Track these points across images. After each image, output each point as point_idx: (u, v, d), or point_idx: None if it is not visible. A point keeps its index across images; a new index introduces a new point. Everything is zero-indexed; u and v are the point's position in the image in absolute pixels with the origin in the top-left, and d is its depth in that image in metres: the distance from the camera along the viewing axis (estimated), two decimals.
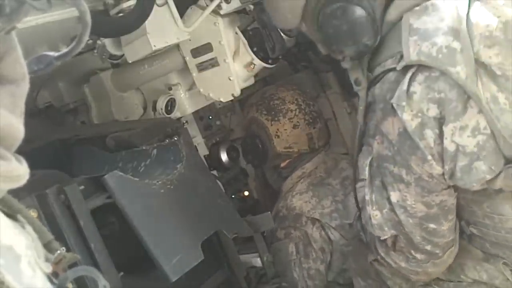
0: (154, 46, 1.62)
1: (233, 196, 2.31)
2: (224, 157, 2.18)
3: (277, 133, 2.05)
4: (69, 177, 1.32)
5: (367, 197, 1.36)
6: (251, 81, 1.92)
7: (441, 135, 1.19)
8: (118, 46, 1.69)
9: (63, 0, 0.51)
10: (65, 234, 1.19)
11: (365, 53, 1.33)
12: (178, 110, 1.98)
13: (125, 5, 1.51)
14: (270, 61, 1.80)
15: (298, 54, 2.28)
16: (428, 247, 1.37)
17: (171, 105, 1.95)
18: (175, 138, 1.53)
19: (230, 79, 1.79)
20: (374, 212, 1.36)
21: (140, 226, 1.32)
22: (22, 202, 0.62)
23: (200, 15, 1.70)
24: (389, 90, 1.24)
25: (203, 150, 2.19)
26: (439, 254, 1.39)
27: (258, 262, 1.81)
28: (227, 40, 1.75)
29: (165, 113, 1.93)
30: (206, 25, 1.73)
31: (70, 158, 1.68)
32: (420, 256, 1.39)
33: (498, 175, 1.19)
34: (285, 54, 1.87)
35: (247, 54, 1.76)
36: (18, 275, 0.51)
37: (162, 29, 1.64)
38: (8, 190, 0.56)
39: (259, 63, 1.77)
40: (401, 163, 1.26)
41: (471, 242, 1.46)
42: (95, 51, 1.73)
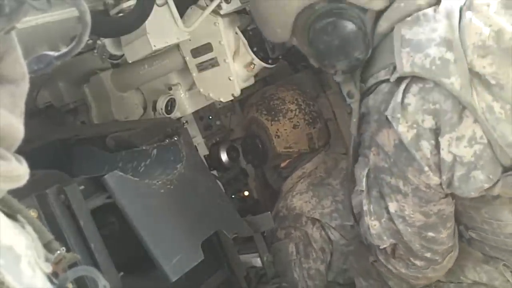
0: (154, 46, 1.62)
1: (233, 196, 2.31)
2: (224, 157, 2.18)
3: (277, 133, 2.05)
4: (69, 177, 1.32)
5: (365, 207, 1.35)
6: (251, 81, 1.92)
7: (437, 146, 1.17)
8: (118, 46, 1.69)
9: (63, 0, 0.51)
10: (65, 234, 1.19)
11: (357, 66, 1.31)
12: (178, 110, 1.98)
13: (125, 5, 1.51)
14: (270, 61, 1.79)
15: (298, 54, 2.28)
16: (427, 255, 1.36)
17: (171, 105, 1.95)
18: (175, 138, 1.53)
19: (230, 79, 1.79)
20: (372, 222, 1.35)
21: (140, 226, 1.32)
22: (22, 202, 0.62)
23: (200, 15, 1.70)
24: (383, 102, 1.23)
25: (203, 150, 2.19)
26: (439, 260, 1.39)
27: (258, 262, 1.81)
28: (227, 40, 1.75)
29: (165, 113, 1.93)
30: (206, 25, 1.73)
31: (70, 158, 1.68)
32: (419, 263, 1.39)
33: (496, 183, 1.18)
34: (285, 54, 1.87)
35: (247, 54, 1.76)
36: (18, 275, 0.51)
37: (162, 29, 1.64)
38: (8, 190, 0.56)
39: (259, 63, 1.77)
40: (398, 175, 1.25)
41: (471, 245, 1.45)
42: (95, 51, 1.73)
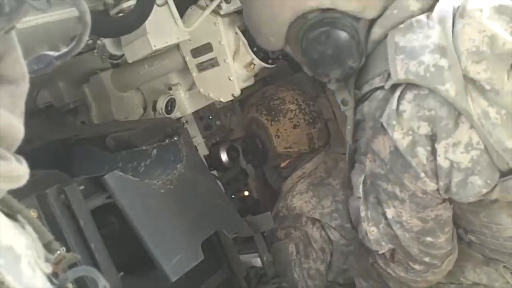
0: (154, 46, 1.62)
1: (233, 196, 2.31)
2: (224, 157, 2.18)
3: (277, 133, 2.05)
4: (69, 177, 1.32)
5: (363, 213, 1.35)
6: (251, 81, 1.92)
7: (433, 152, 1.17)
8: (118, 46, 1.69)
9: (63, 0, 0.51)
10: (65, 234, 1.19)
11: (350, 75, 1.31)
12: (178, 110, 1.98)
13: (125, 5, 1.51)
14: (270, 61, 1.79)
15: None
16: (426, 259, 1.36)
17: (171, 105, 1.95)
18: (175, 138, 1.53)
19: (230, 79, 1.79)
20: (370, 228, 1.35)
21: (140, 226, 1.31)
22: (22, 202, 0.62)
23: (200, 15, 1.70)
24: (378, 108, 1.23)
25: (203, 150, 2.19)
26: (438, 264, 1.39)
27: (258, 262, 1.81)
28: (227, 40, 1.75)
29: (165, 113, 1.93)
30: (206, 25, 1.72)
31: (70, 158, 1.68)
32: (418, 267, 1.39)
33: (493, 188, 1.18)
34: (285, 54, 1.86)
35: (247, 54, 1.76)
36: (18, 276, 0.51)
37: (162, 29, 1.64)
38: (8, 190, 0.56)
39: (259, 63, 1.77)
40: (394, 181, 1.24)
41: (471, 247, 1.45)
42: (95, 51, 1.73)
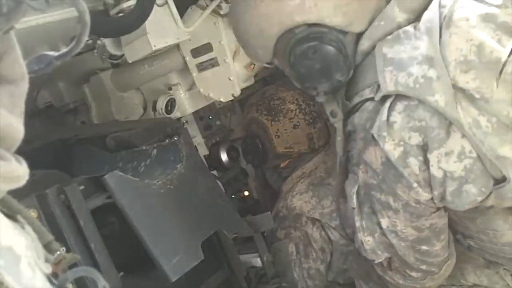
0: (154, 46, 1.62)
1: (233, 196, 2.31)
2: (224, 157, 2.18)
3: (277, 133, 2.05)
4: (69, 177, 1.32)
5: (358, 223, 1.34)
6: (251, 81, 1.92)
7: (426, 162, 1.16)
8: (118, 46, 1.69)
9: (62, 0, 0.51)
10: (65, 234, 1.19)
11: (339, 88, 1.31)
12: (178, 110, 1.98)
13: (125, 5, 1.51)
14: None
15: None
16: (423, 267, 1.36)
17: (171, 105, 1.95)
18: (175, 138, 1.53)
19: (230, 79, 1.79)
20: (366, 238, 1.34)
21: (140, 226, 1.32)
22: (22, 202, 0.62)
23: (200, 15, 1.70)
24: (368, 119, 1.23)
25: (203, 150, 2.19)
26: (435, 271, 1.39)
27: (258, 262, 1.81)
28: (227, 40, 1.75)
29: (165, 113, 1.93)
30: (206, 25, 1.73)
31: (70, 158, 1.68)
32: (416, 274, 1.38)
33: (489, 196, 1.17)
34: None
35: None
36: (18, 276, 0.51)
37: (162, 29, 1.64)
38: (8, 190, 0.56)
39: (259, 63, 1.77)
40: (387, 191, 1.24)
41: (471, 251, 1.45)
42: (95, 51, 1.73)
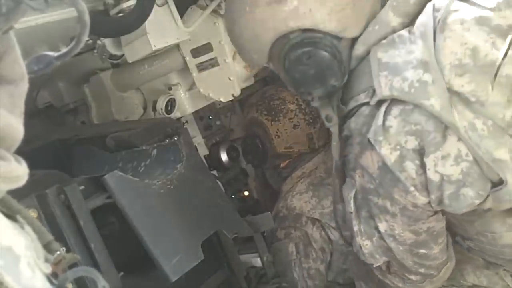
0: (154, 46, 1.63)
1: (233, 196, 2.31)
2: (224, 157, 2.18)
3: (277, 133, 2.05)
4: (69, 177, 1.32)
5: (356, 228, 1.34)
6: (251, 81, 1.92)
7: (422, 166, 1.16)
8: (118, 46, 1.69)
9: (61, 0, 0.51)
10: (65, 234, 1.19)
11: (333, 93, 1.31)
12: (178, 110, 1.98)
13: (125, 5, 1.51)
14: None
15: None
16: (421, 270, 1.36)
17: (171, 105, 1.95)
18: (175, 138, 1.53)
19: (230, 79, 1.79)
20: (364, 242, 1.34)
21: (140, 226, 1.32)
22: (22, 202, 0.62)
23: (200, 15, 1.70)
24: (364, 124, 1.23)
25: (203, 150, 2.19)
26: (434, 274, 1.39)
27: (258, 262, 1.81)
28: (227, 40, 1.74)
29: (165, 113, 1.93)
30: (206, 25, 1.73)
31: (70, 158, 1.68)
32: (415, 277, 1.38)
33: (486, 199, 1.17)
34: None
35: None
36: (17, 276, 0.51)
37: (162, 29, 1.64)
38: (8, 191, 0.56)
39: None
40: (384, 195, 1.24)
41: (471, 252, 1.45)
42: (95, 51, 1.73)
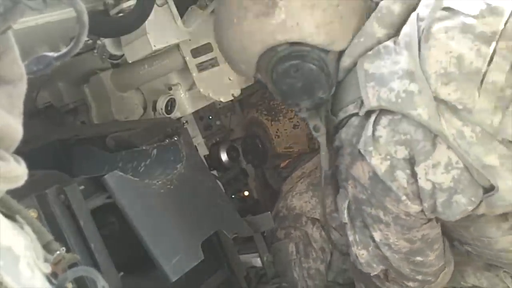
0: (154, 46, 1.62)
1: (233, 196, 2.31)
2: (224, 157, 2.17)
3: (277, 133, 2.05)
4: (69, 177, 1.32)
5: (351, 238, 1.35)
6: (251, 81, 1.91)
7: (413, 175, 1.16)
8: (118, 46, 1.69)
9: (60, 0, 0.51)
10: (65, 234, 1.19)
11: (321, 104, 1.32)
12: (178, 110, 1.98)
13: (125, 5, 1.51)
14: None
15: None
16: (419, 277, 1.36)
17: (171, 105, 1.95)
18: (175, 138, 1.53)
19: (230, 79, 1.79)
20: (360, 251, 1.35)
21: (140, 226, 1.32)
22: (22, 203, 0.62)
23: (200, 15, 1.70)
24: (354, 135, 1.24)
25: (203, 150, 2.19)
26: (432, 280, 1.39)
27: (258, 262, 1.81)
28: None
29: (165, 113, 1.93)
30: (206, 25, 1.72)
31: (70, 158, 1.68)
32: (413, 284, 1.39)
33: (479, 204, 1.17)
34: None
35: None
36: (17, 276, 0.51)
37: (162, 29, 1.64)
38: (7, 191, 0.56)
39: None
40: (377, 205, 1.24)
41: (470, 255, 1.45)
42: (95, 51, 1.73)
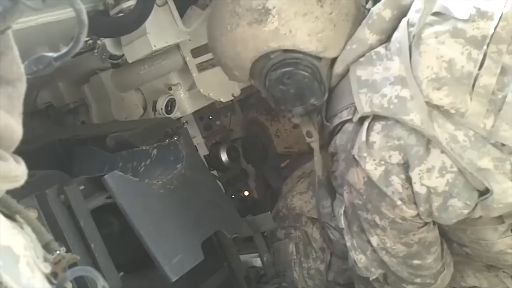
0: (154, 46, 1.62)
1: (233, 196, 2.31)
2: (224, 157, 2.17)
3: (277, 133, 2.05)
4: (69, 177, 1.32)
5: (349, 243, 1.35)
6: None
7: (408, 180, 1.16)
8: (118, 46, 1.69)
9: None
10: (65, 234, 1.20)
11: (313, 111, 1.33)
12: (178, 110, 1.98)
13: (125, 5, 1.51)
14: None
15: None
16: (417, 280, 1.36)
17: (171, 105, 1.95)
18: (175, 138, 1.53)
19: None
20: (358, 256, 1.35)
21: (140, 226, 1.32)
22: (22, 202, 0.62)
23: (200, 15, 1.70)
24: (349, 141, 1.24)
25: (203, 150, 2.19)
26: (431, 282, 1.39)
27: (258, 262, 1.81)
28: None
29: (165, 113, 1.93)
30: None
31: (70, 158, 1.68)
32: (412, 287, 1.39)
33: (475, 208, 1.17)
34: None
35: None
36: (17, 276, 0.51)
37: (162, 29, 1.64)
38: (7, 190, 0.56)
39: None
40: (373, 210, 1.25)
41: (469, 257, 1.45)
42: (95, 51, 1.73)
